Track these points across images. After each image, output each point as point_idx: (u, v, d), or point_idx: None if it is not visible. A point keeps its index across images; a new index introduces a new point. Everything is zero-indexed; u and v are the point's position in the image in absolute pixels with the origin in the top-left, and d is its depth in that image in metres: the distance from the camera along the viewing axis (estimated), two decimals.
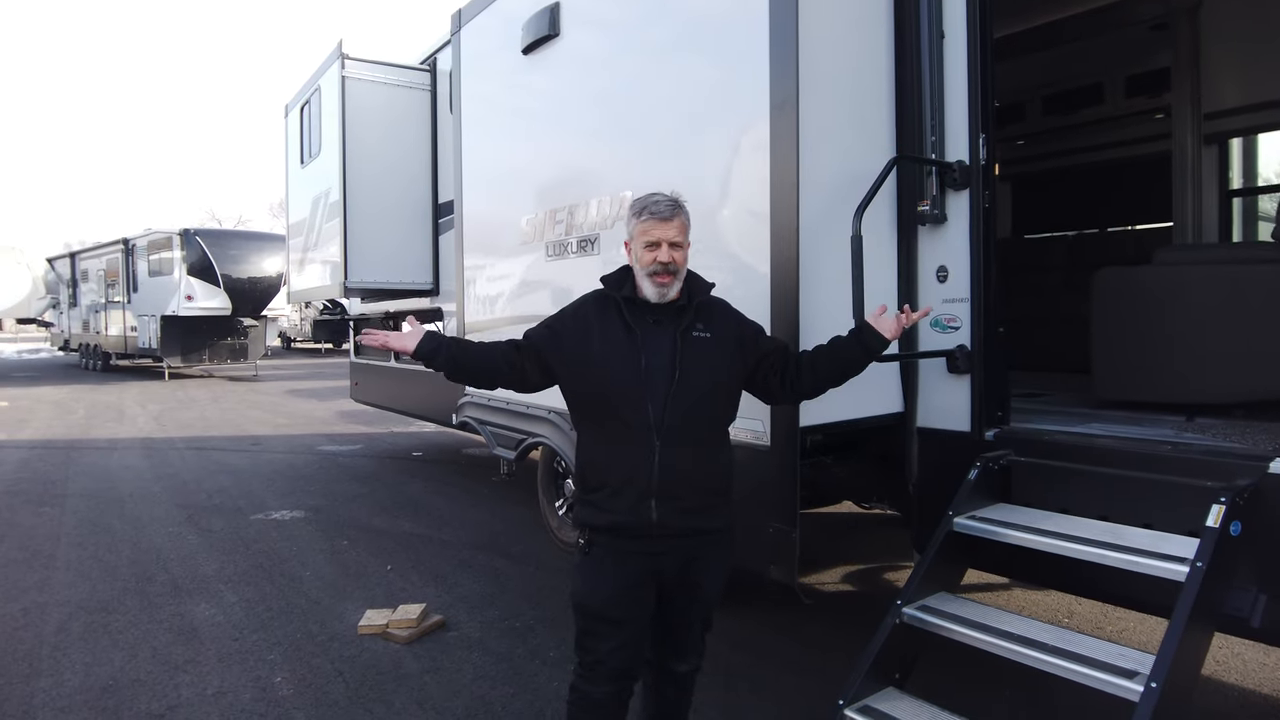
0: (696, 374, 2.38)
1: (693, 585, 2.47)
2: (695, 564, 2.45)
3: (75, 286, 24.76)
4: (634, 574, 2.40)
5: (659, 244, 2.39)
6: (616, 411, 2.38)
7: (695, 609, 2.54)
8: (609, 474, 2.39)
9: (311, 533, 6.07)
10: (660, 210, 2.42)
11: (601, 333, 2.44)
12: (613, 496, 2.38)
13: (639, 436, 2.34)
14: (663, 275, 2.40)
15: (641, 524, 2.35)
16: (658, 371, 2.36)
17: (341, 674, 3.70)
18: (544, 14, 4.68)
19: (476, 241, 5.87)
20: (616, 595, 2.40)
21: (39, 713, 3.38)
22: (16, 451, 9.76)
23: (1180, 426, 3.31)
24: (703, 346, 2.42)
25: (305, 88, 8.01)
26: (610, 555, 2.41)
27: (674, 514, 2.36)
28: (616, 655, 2.41)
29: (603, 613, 2.41)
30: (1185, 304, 3.64)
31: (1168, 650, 2.21)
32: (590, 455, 2.47)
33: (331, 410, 13.46)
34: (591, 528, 2.43)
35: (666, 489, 2.34)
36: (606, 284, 2.53)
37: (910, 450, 3.50)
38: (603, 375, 2.40)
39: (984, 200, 3.24)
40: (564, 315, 2.56)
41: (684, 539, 2.41)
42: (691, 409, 2.37)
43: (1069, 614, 4.30)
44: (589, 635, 2.44)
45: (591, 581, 2.43)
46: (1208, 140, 5.50)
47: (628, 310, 2.44)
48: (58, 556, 5.51)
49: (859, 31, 3.42)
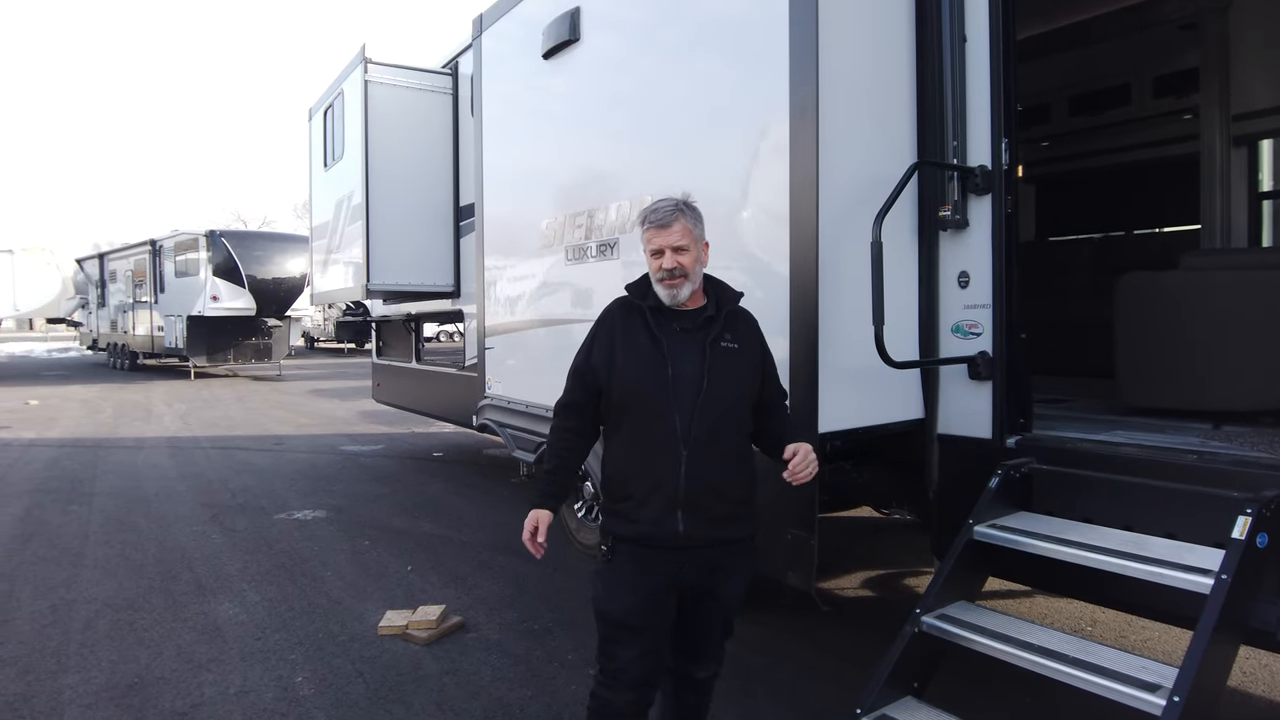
0: (723, 385, 2.38)
1: (714, 593, 2.46)
2: (718, 572, 2.44)
3: (103, 287, 25.16)
4: (656, 582, 2.40)
5: (662, 251, 2.40)
6: (642, 421, 2.38)
7: (716, 616, 2.53)
8: (635, 484, 2.39)
9: (333, 533, 6.13)
10: (659, 218, 2.42)
11: (626, 341, 2.43)
12: (639, 507, 2.37)
13: (665, 446, 2.34)
14: (669, 280, 2.40)
15: (668, 534, 2.35)
16: (685, 382, 2.35)
17: (362, 674, 3.73)
18: (564, 19, 4.70)
19: (497, 244, 5.90)
20: (639, 603, 2.40)
21: (67, 709, 3.44)
22: (46, 450, 9.93)
23: (1206, 435, 3.27)
24: (730, 357, 2.42)
25: (329, 92, 8.09)
26: (633, 564, 2.40)
27: (700, 524, 2.35)
28: (638, 663, 2.41)
29: (624, 620, 2.41)
30: (1212, 309, 3.59)
31: (1191, 664, 2.18)
32: (616, 465, 2.46)
33: (353, 410, 13.58)
34: (617, 537, 2.44)
35: (693, 499, 2.34)
36: (631, 292, 2.52)
37: (931, 457, 3.48)
38: (628, 384, 2.40)
39: (1006, 205, 3.21)
40: (592, 329, 2.56)
41: (709, 549, 2.40)
42: (718, 419, 2.37)
43: (1091, 622, 4.25)
44: (610, 643, 2.44)
45: (613, 589, 2.43)
46: (1237, 142, 5.41)
47: (653, 319, 2.43)
48: (85, 554, 5.60)
49: (879, 34, 3.41)
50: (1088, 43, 5.89)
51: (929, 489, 3.50)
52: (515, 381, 5.69)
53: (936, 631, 2.75)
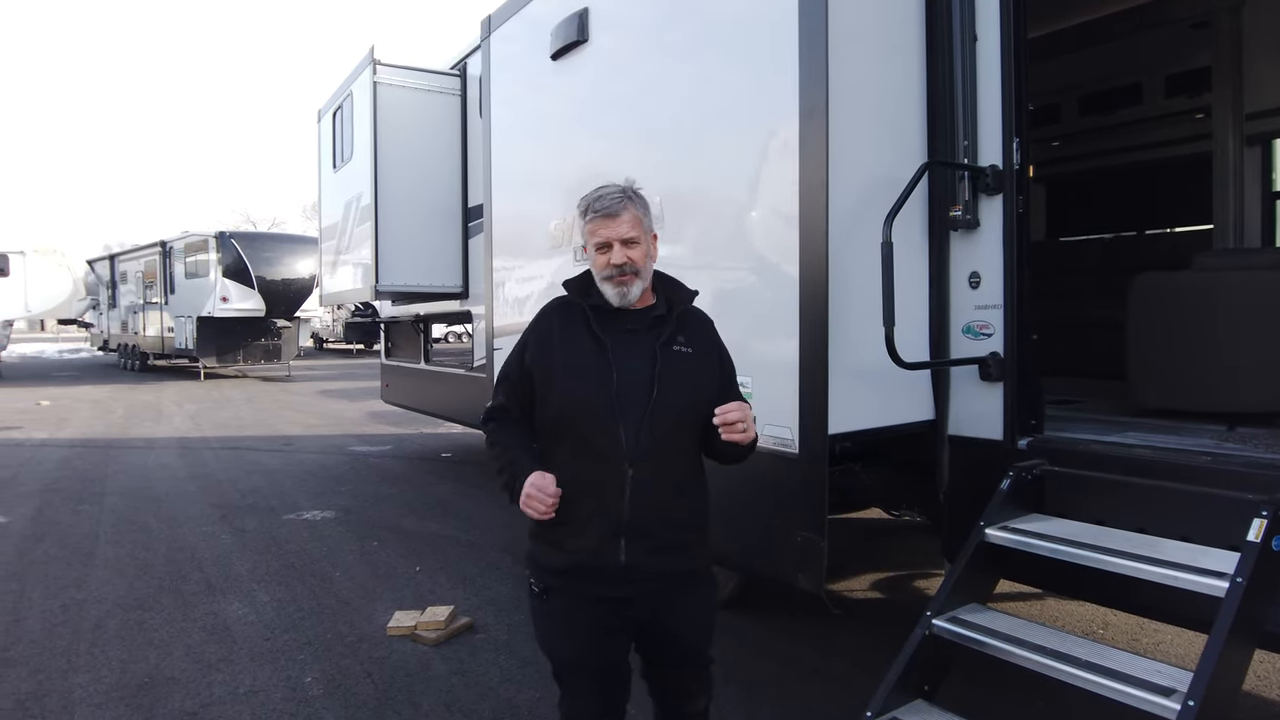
0: (676, 393, 2.08)
1: (670, 634, 2.18)
2: (670, 612, 2.15)
3: (114, 288, 25.32)
4: (601, 619, 2.11)
5: (609, 245, 2.09)
6: (582, 435, 2.08)
7: (681, 657, 2.23)
8: (573, 508, 2.05)
9: (342, 533, 6.14)
10: (604, 206, 2.10)
11: (565, 344, 2.13)
12: (575, 534, 2.07)
13: (608, 464, 2.04)
14: (619, 277, 2.10)
15: (608, 566, 2.05)
16: (631, 389, 2.05)
17: (370, 675, 3.73)
18: (573, 20, 4.69)
19: (505, 245, 5.90)
20: (585, 643, 2.13)
21: (77, 708, 3.45)
22: (57, 450, 9.99)
23: (1221, 436, 3.24)
24: (683, 362, 2.12)
25: (338, 93, 8.11)
26: (570, 601, 2.12)
27: (645, 554, 2.06)
28: (598, 699, 2.19)
29: (575, 661, 2.17)
30: (1226, 310, 3.56)
31: (1206, 668, 2.16)
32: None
33: (362, 411, 13.62)
34: (545, 569, 2.15)
35: (638, 525, 2.05)
36: (569, 289, 2.21)
37: (941, 458, 3.45)
38: (566, 393, 2.10)
39: (1017, 205, 3.19)
40: (524, 334, 2.24)
41: (656, 581, 2.10)
42: (669, 433, 2.08)
43: (1104, 625, 4.22)
44: (566, 683, 2.21)
45: (556, 632, 2.18)
46: (1250, 141, 5.37)
47: (595, 319, 2.13)
48: (96, 554, 5.63)
49: (889, 34, 3.39)
50: (1098, 42, 5.86)
51: (939, 491, 3.48)
52: None
53: (947, 634, 2.73)
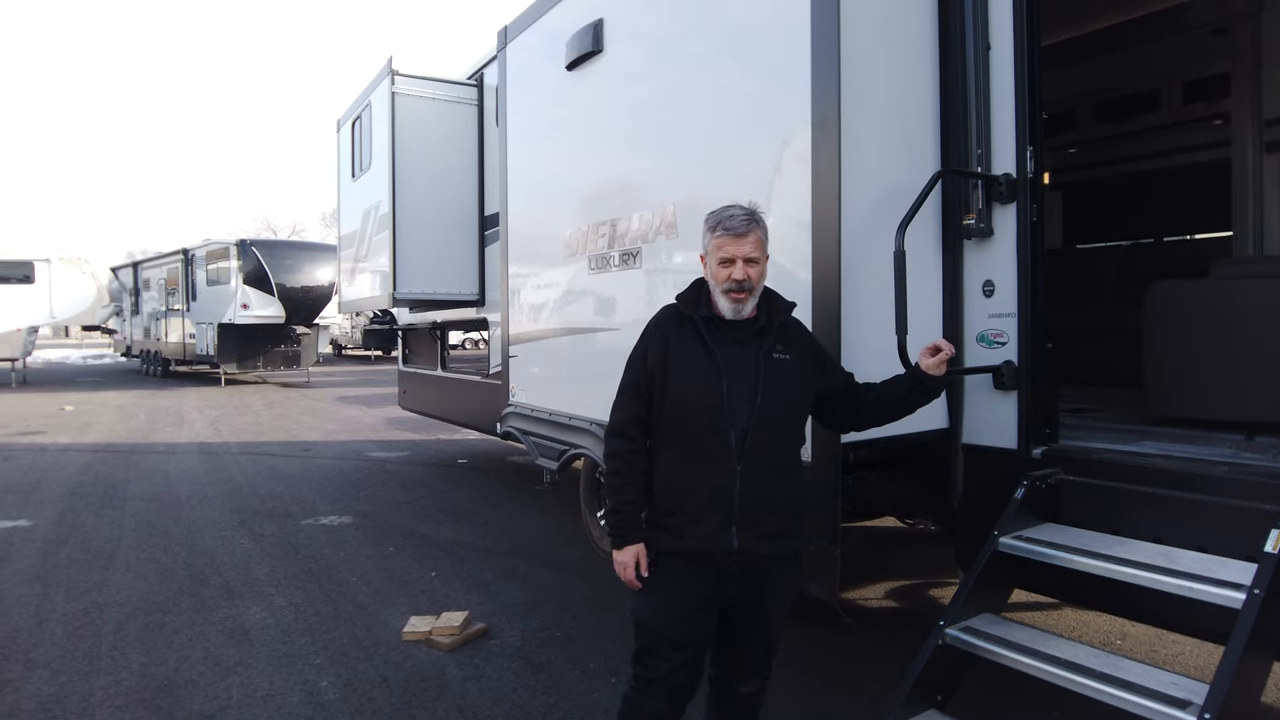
0: (777, 398, 2.34)
1: (760, 606, 2.43)
2: (762, 588, 2.40)
3: (137, 295, 25.67)
4: (701, 598, 2.37)
5: (733, 260, 2.34)
6: (696, 435, 2.33)
7: (759, 630, 2.48)
8: (687, 499, 2.34)
9: (359, 538, 6.19)
10: (735, 226, 2.35)
11: (679, 352, 2.37)
12: (691, 523, 2.33)
13: (720, 461, 2.30)
14: (738, 292, 2.35)
15: (721, 551, 2.31)
16: (740, 396, 2.30)
17: (386, 680, 3.76)
18: (588, 31, 4.74)
19: (521, 253, 5.94)
20: (680, 618, 2.38)
21: (98, 710, 3.50)
22: (80, 455, 10.13)
23: (1239, 446, 3.20)
24: (783, 369, 2.37)
25: (356, 103, 8.21)
26: (678, 578, 2.37)
27: (754, 540, 2.32)
28: (675, 674, 2.39)
29: (664, 634, 2.39)
30: (1245, 318, 3.53)
31: (1223, 680, 2.14)
32: (666, 480, 2.40)
33: (380, 417, 13.71)
34: (663, 552, 2.39)
35: (748, 516, 2.30)
36: (682, 302, 2.45)
37: (955, 467, 3.45)
38: (681, 397, 2.35)
39: (1031, 214, 3.18)
40: (642, 339, 2.48)
41: (759, 563, 2.37)
42: (773, 433, 2.34)
43: (1121, 636, 4.18)
44: (648, 653, 2.42)
45: (655, 603, 2.40)
46: (1270, 147, 5.32)
47: (706, 330, 2.38)
48: (117, 558, 5.70)
49: (902, 42, 3.40)
50: (1115, 48, 5.84)
51: (953, 499, 3.47)
52: (539, 389, 5.72)
53: (961, 644, 2.72)
